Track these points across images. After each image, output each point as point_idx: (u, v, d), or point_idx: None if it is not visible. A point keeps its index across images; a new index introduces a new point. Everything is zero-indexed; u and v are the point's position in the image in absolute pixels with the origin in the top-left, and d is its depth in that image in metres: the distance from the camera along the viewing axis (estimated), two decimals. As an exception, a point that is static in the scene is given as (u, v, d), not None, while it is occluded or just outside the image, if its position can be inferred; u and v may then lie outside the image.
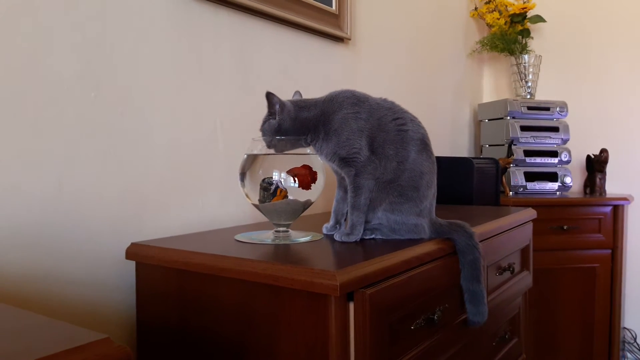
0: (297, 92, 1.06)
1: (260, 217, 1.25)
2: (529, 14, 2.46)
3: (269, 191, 0.96)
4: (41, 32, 0.92)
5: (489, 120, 2.46)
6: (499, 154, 2.30)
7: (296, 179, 0.96)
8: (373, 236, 1.00)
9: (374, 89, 1.37)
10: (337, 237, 0.98)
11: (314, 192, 0.99)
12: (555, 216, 2.09)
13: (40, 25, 0.92)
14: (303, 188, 0.97)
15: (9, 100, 0.88)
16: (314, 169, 0.98)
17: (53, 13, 0.94)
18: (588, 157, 2.38)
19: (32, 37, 0.91)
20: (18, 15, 0.89)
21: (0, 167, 0.87)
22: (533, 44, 2.55)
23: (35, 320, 0.54)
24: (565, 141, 2.34)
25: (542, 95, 2.57)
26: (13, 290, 0.89)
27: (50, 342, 0.47)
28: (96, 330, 0.49)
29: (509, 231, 1.30)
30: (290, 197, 0.96)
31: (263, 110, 0.99)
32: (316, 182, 0.98)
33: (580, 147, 2.46)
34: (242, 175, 1.00)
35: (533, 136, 2.30)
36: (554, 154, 2.31)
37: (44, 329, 0.52)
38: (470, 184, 1.70)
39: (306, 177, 0.97)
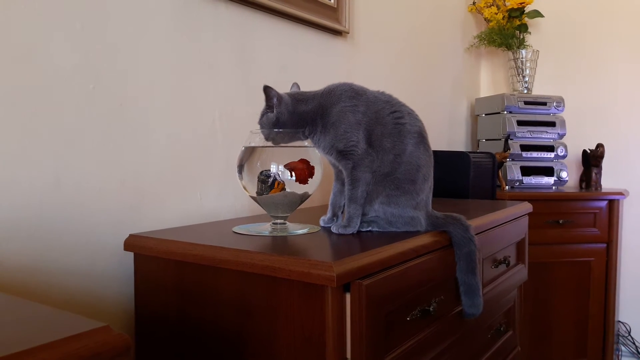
0: (295, 84, 1.07)
1: (258, 210, 1.26)
2: (527, 9, 2.47)
3: (267, 184, 0.97)
4: (39, 22, 0.92)
5: (486, 114, 2.47)
6: (496, 148, 2.31)
7: (293, 173, 0.97)
8: (370, 228, 1.00)
9: (372, 82, 1.37)
10: (334, 229, 0.99)
11: (312, 185, 1.00)
12: (551, 210, 2.10)
13: (39, 15, 0.92)
14: (300, 183, 0.97)
15: (7, 92, 0.88)
16: (311, 163, 0.99)
17: (51, 3, 0.94)
18: (584, 151, 2.39)
19: (31, 28, 0.91)
20: (16, 5, 0.89)
21: (-1, 158, 0.88)
22: (530, 38, 2.55)
23: (36, 309, 0.55)
24: (561, 136, 2.35)
25: (539, 90, 2.57)
26: (13, 281, 0.89)
27: (50, 330, 0.47)
28: (92, 319, 0.49)
29: (504, 224, 1.31)
30: (287, 190, 0.97)
31: (261, 103, 0.99)
32: (313, 176, 0.99)
33: (576, 142, 2.47)
34: (240, 168, 1.00)
35: (530, 131, 2.31)
36: (550, 148, 2.32)
37: (44, 318, 0.52)
38: (466, 177, 1.71)
39: (303, 171, 0.98)
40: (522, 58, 2.46)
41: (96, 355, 0.45)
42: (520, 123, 2.31)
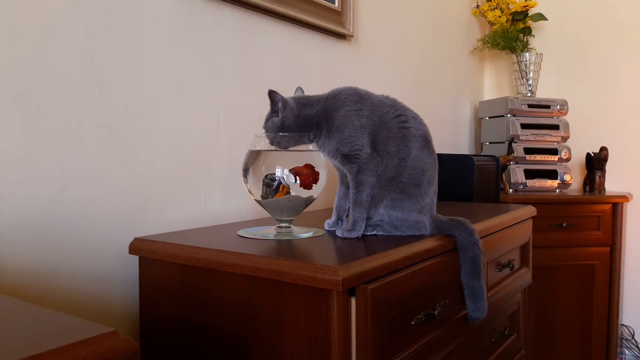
0: (299, 89, 1.07)
1: (263, 213, 1.26)
2: (531, 12, 2.47)
3: (272, 187, 0.97)
4: (44, 27, 0.93)
5: (489, 117, 2.47)
6: (500, 151, 2.30)
7: (298, 178, 0.97)
8: (374, 232, 1.00)
9: (376, 86, 1.37)
10: (339, 233, 0.99)
11: (316, 189, 1.00)
12: (554, 214, 2.10)
13: (44, 20, 0.93)
14: (304, 188, 0.98)
15: (13, 96, 0.89)
16: (316, 169, 0.99)
17: (56, 8, 0.94)
18: (588, 155, 2.39)
19: (35, 33, 0.91)
20: (21, 10, 0.90)
21: (4, 163, 0.88)
22: (534, 42, 2.55)
23: (42, 314, 0.55)
24: (565, 139, 2.35)
25: (542, 93, 2.57)
26: (18, 285, 0.90)
27: (58, 335, 0.48)
28: (99, 324, 0.49)
29: (508, 228, 1.31)
30: (292, 194, 0.97)
31: (266, 106, 0.99)
32: (318, 182, 0.99)
33: (580, 145, 2.46)
34: (245, 172, 1.00)
35: (533, 134, 2.31)
36: (554, 151, 2.31)
37: (50, 322, 0.52)
38: (470, 181, 1.71)
39: (308, 177, 0.98)
40: (525, 61, 2.46)
41: (103, 361, 0.45)
42: (524, 126, 2.30)
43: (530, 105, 2.33)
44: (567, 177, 2.29)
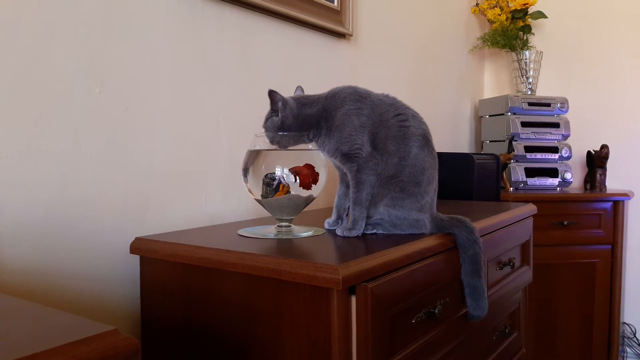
0: (299, 88, 1.07)
1: (263, 212, 1.27)
2: (530, 10, 2.46)
3: (272, 186, 0.97)
4: (44, 27, 0.93)
5: (489, 116, 2.47)
6: (500, 149, 2.30)
7: (297, 177, 0.97)
8: (375, 231, 1.00)
9: (376, 84, 1.37)
10: (339, 232, 0.99)
11: (316, 188, 1.00)
12: (555, 212, 2.10)
13: (44, 20, 0.93)
14: (304, 188, 0.98)
15: (14, 97, 0.89)
16: (316, 169, 0.99)
17: (56, 8, 0.94)
18: (588, 152, 2.39)
19: (36, 33, 0.92)
20: (21, 11, 0.90)
21: (5, 163, 0.88)
22: (534, 40, 2.55)
23: (43, 312, 0.55)
24: (565, 137, 2.35)
25: (542, 91, 2.57)
26: (19, 285, 0.90)
27: (59, 334, 0.48)
28: (101, 323, 0.49)
29: (509, 226, 1.31)
30: (292, 193, 0.97)
31: (265, 105, 1.00)
32: (317, 182, 0.99)
33: (580, 143, 2.46)
34: (245, 171, 1.01)
35: (534, 132, 2.31)
36: (554, 149, 2.31)
37: (52, 321, 0.52)
38: (470, 179, 1.71)
39: (307, 177, 0.98)
40: (525, 59, 2.46)
41: (105, 359, 0.45)
42: (524, 124, 2.30)
43: (530, 104, 2.33)
44: (567, 175, 2.29)
